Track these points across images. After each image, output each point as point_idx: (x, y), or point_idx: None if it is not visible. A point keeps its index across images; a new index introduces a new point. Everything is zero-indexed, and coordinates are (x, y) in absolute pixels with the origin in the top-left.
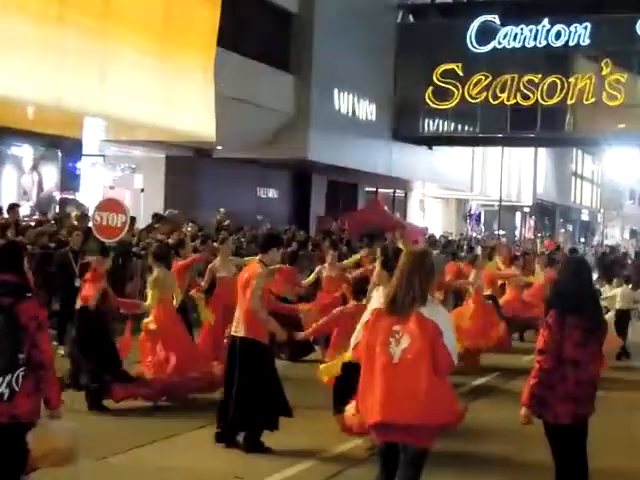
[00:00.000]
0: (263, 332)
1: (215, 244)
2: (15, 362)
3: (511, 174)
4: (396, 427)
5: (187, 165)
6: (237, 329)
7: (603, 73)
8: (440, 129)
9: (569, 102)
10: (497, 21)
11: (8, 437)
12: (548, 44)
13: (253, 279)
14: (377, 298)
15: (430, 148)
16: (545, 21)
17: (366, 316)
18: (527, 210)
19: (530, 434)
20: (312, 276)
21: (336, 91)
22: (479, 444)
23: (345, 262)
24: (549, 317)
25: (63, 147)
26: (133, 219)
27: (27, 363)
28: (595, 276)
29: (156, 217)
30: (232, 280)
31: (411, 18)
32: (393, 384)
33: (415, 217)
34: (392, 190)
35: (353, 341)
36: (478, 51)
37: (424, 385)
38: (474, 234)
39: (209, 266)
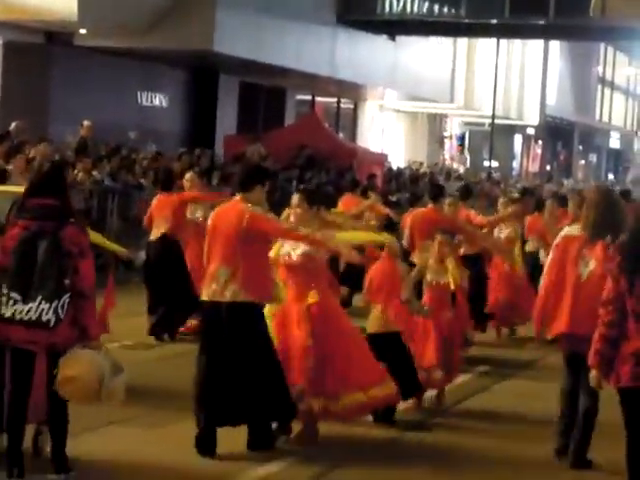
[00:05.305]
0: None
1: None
2: (61, 288)
3: (510, 80)
4: (580, 338)
5: (34, 56)
6: (224, 291)
7: None
8: (407, 10)
9: None
10: None
11: (38, 363)
12: None
13: (256, 220)
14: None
15: (392, 38)
16: None
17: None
18: (532, 132)
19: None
20: None
21: None
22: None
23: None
24: (616, 266)
25: None
26: None
27: (71, 290)
28: None
29: None
30: None
31: None
32: (579, 300)
33: (369, 139)
34: (336, 99)
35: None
36: None
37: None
38: (455, 165)
39: None
